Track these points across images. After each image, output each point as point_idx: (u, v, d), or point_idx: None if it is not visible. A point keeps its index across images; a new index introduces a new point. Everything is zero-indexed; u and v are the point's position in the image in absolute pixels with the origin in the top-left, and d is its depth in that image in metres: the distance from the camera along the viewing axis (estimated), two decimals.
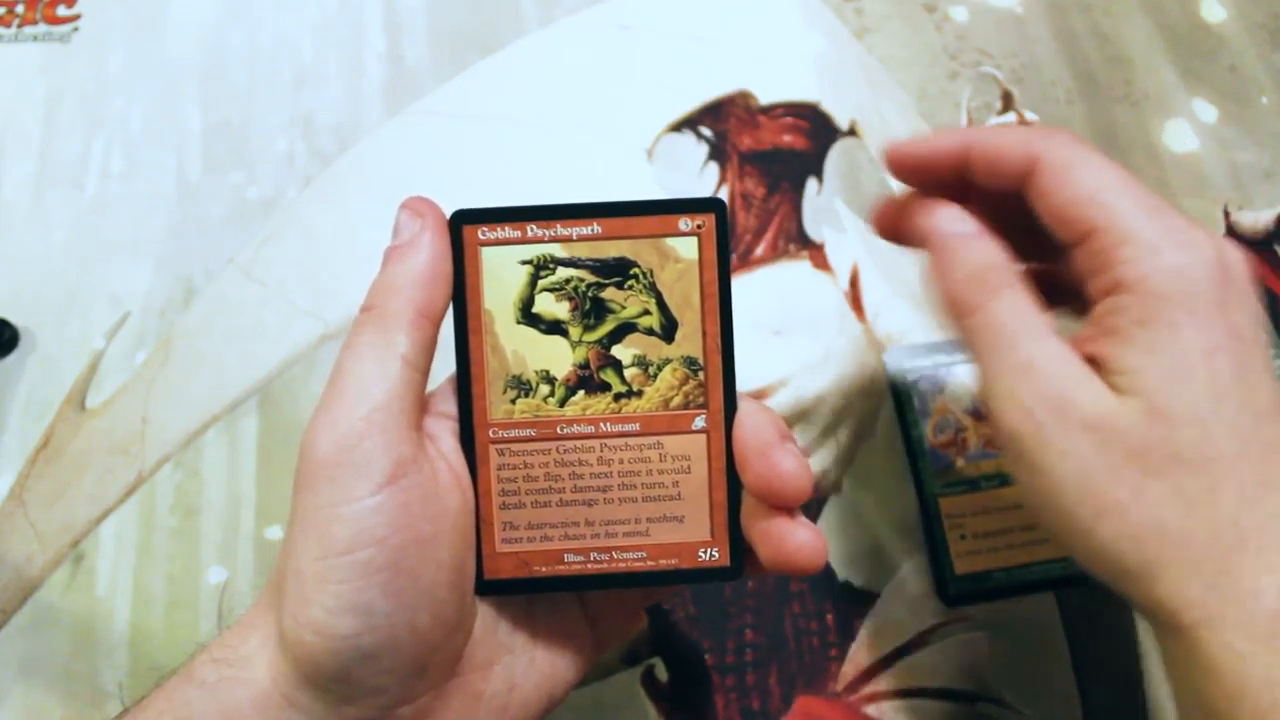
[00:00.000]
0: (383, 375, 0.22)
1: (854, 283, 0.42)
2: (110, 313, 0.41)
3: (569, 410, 0.25)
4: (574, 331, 0.25)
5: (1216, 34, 0.47)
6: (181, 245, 0.43)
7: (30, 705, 0.35)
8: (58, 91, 0.46)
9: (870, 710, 0.35)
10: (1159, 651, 0.25)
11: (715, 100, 0.45)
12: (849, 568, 0.37)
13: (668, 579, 0.25)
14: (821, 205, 0.43)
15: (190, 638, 0.36)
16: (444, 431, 0.25)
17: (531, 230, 0.24)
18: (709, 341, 0.25)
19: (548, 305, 0.25)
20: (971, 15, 0.48)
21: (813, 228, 0.43)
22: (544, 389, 0.25)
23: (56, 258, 0.43)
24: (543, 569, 0.25)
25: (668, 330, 0.25)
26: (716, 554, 0.25)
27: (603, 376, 0.25)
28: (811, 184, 0.44)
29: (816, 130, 0.45)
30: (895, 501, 0.38)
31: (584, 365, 0.25)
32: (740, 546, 0.25)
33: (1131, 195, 0.24)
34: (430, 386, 0.25)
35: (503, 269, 0.24)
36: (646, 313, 0.25)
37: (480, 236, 0.24)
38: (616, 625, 0.29)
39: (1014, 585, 0.36)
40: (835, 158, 0.44)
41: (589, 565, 0.25)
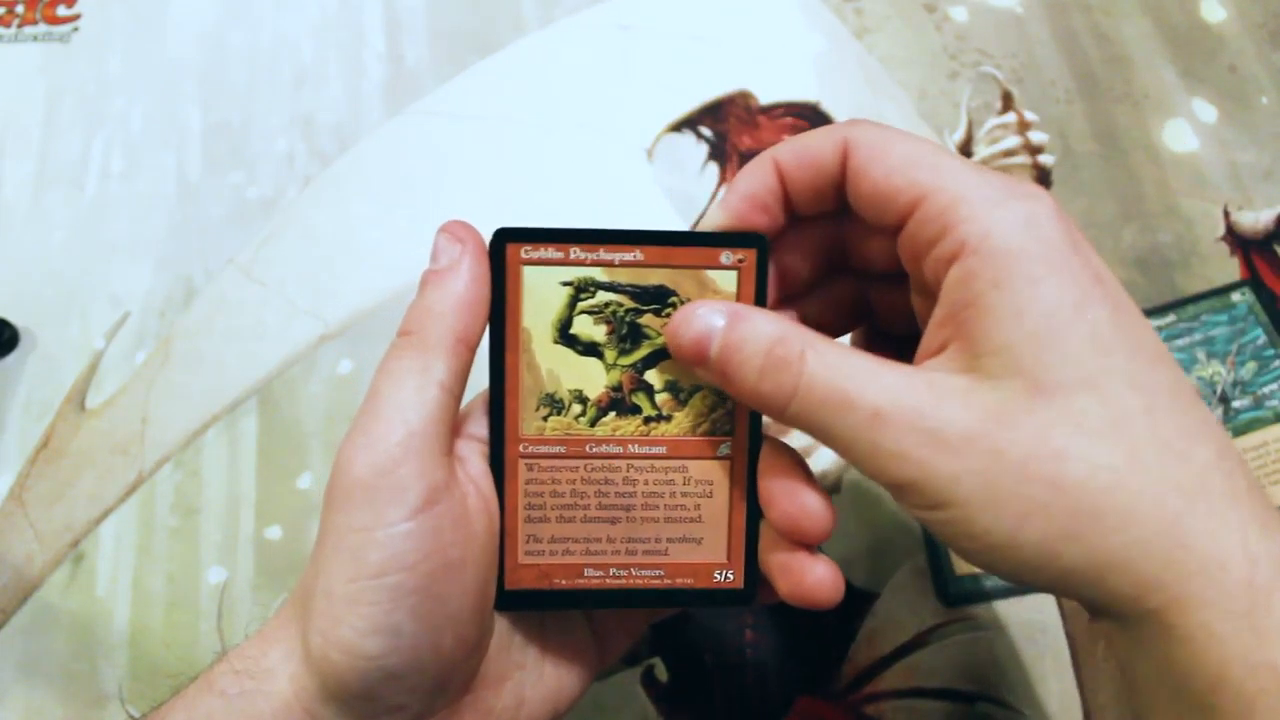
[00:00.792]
0: (420, 402, 0.23)
1: None
2: (110, 313, 0.41)
3: (599, 430, 0.25)
4: (609, 354, 0.25)
5: (1216, 34, 0.47)
6: (181, 245, 0.43)
7: (30, 705, 0.35)
8: (58, 91, 0.46)
9: (870, 710, 0.35)
10: (1108, 648, 0.22)
11: (715, 100, 0.45)
12: (849, 568, 0.37)
13: (682, 598, 0.26)
14: None
15: (190, 638, 0.36)
16: (473, 454, 0.25)
17: (574, 253, 0.25)
18: None
19: (585, 327, 0.25)
20: (971, 15, 0.48)
21: None
22: (576, 408, 0.25)
23: (56, 258, 0.43)
24: (562, 582, 0.25)
25: None
26: (731, 576, 0.26)
27: (634, 400, 0.25)
28: None
29: None
30: (895, 502, 0.38)
31: (617, 388, 0.25)
32: (755, 572, 0.25)
33: (952, 158, 0.22)
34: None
35: (543, 288, 0.25)
36: None
37: (523, 255, 0.25)
38: (620, 640, 0.29)
39: (1014, 585, 0.36)
40: None
41: (608, 580, 0.25)
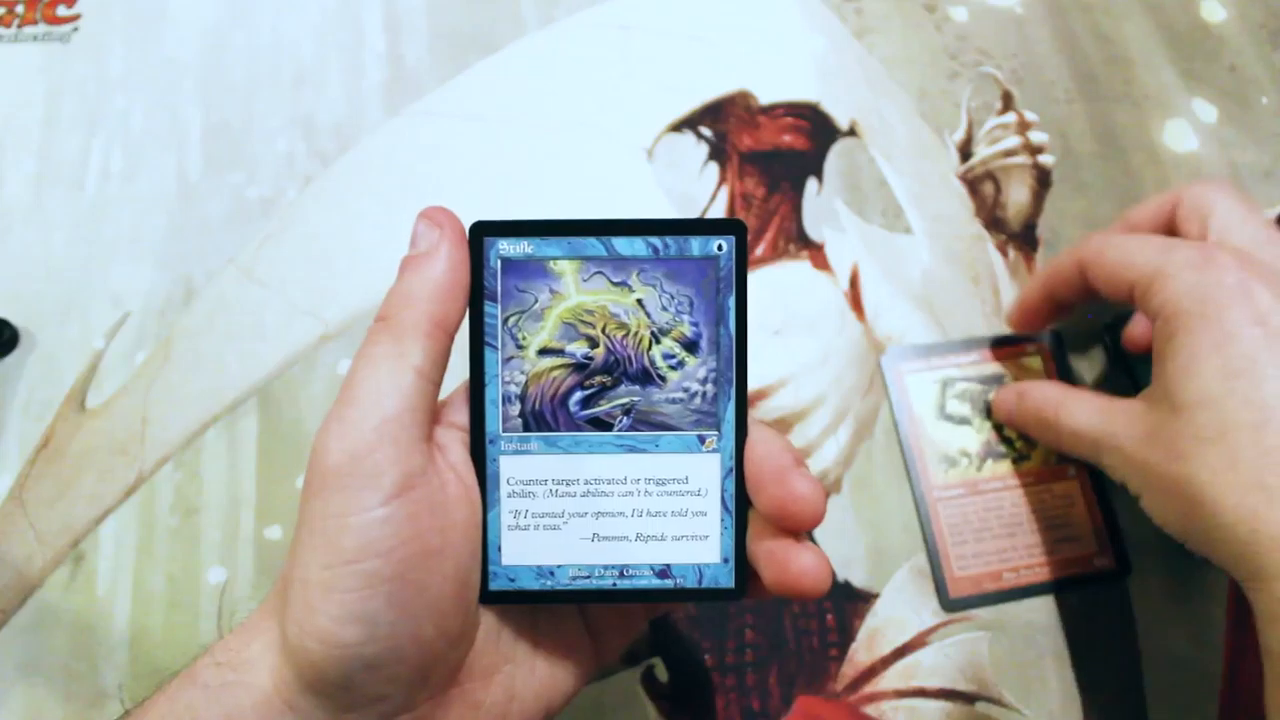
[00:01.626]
0: (395, 387, 0.23)
1: (854, 283, 0.42)
2: (110, 313, 0.41)
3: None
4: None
5: (1216, 34, 0.47)
6: (181, 245, 0.43)
7: (30, 705, 0.35)
8: (58, 91, 0.46)
9: (870, 710, 0.35)
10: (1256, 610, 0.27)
11: (715, 100, 0.45)
12: (849, 568, 0.37)
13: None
14: (821, 205, 0.43)
15: (190, 638, 0.36)
16: (454, 442, 0.25)
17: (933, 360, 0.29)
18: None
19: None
20: (971, 15, 0.48)
21: (813, 228, 0.43)
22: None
23: (56, 258, 0.43)
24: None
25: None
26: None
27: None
28: (811, 184, 0.44)
29: (816, 130, 0.45)
30: (895, 501, 0.38)
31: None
32: (745, 567, 0.25)
33: (1151, 241, 0.31)
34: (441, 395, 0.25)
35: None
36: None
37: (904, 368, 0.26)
38: (616, 638, 0.29)
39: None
40: (835, 158, 0.44)
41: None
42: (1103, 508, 0.37)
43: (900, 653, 0.36)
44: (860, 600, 0.37)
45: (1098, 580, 0.36)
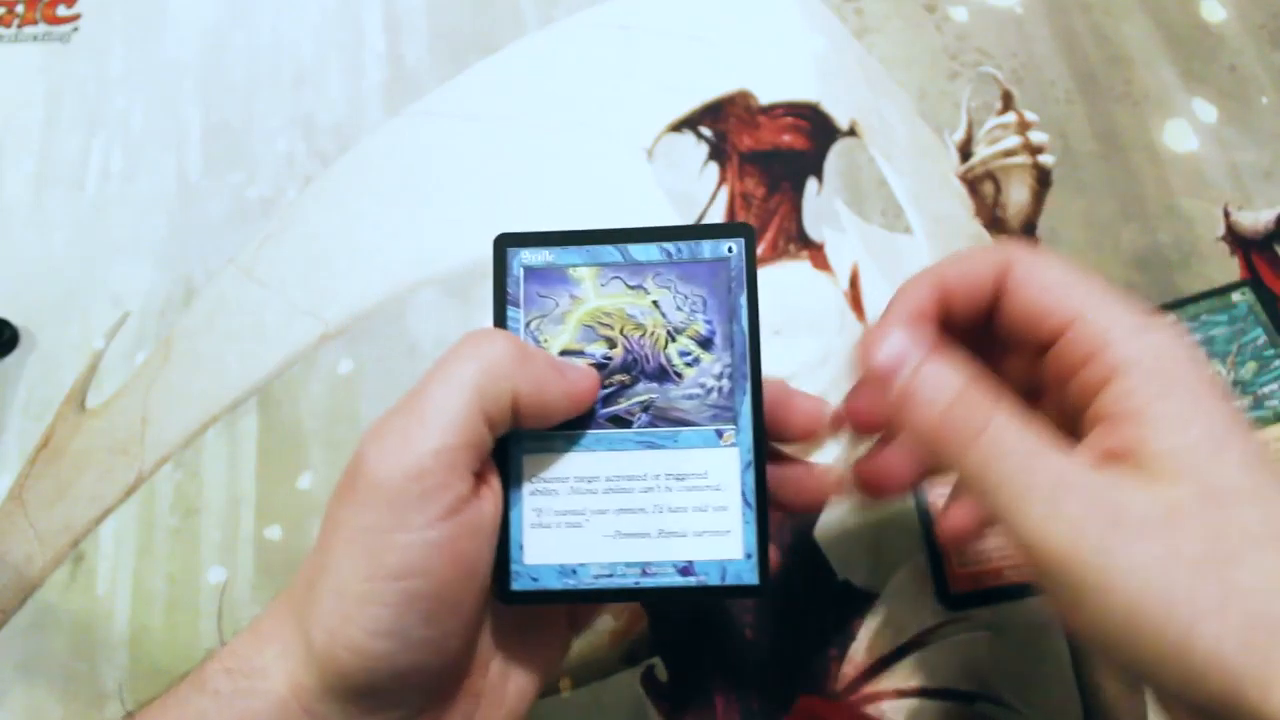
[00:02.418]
0: (467, 420, 0.22)
1: (854, 283, 0.42)
2: (110, 313, 0.41)
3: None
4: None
5: (1216, 34, 0.47)
6: (181, 245, 0.43)
7: (30, 705, 0.35)
8: (58, 91, 0.46)
9: (870, 710, 0.35)
10: None
11: (715, 100, 0.45)
12: (849, 568, 0.37)
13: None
14: (821, 205, 0.43)
15: (190, 638, 0.36)
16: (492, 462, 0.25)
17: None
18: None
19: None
20: (971, 15, 0.48)
21: (813, 228, 0.43)
22: None
23: (56, 258, 0.43)
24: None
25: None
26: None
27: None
28: (811, 184, 0.44)
29: (816, 130, 0.45)
30: (895, 501, 0.38)
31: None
32: (768, 564, 0.25)
33: (1099, 284, 0.24)
34: None
35: None
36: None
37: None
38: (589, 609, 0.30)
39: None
40: (835, 158, 0.44)
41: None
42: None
43: (900, 652, 0.36)
44: (860, 600, 0.37)
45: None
